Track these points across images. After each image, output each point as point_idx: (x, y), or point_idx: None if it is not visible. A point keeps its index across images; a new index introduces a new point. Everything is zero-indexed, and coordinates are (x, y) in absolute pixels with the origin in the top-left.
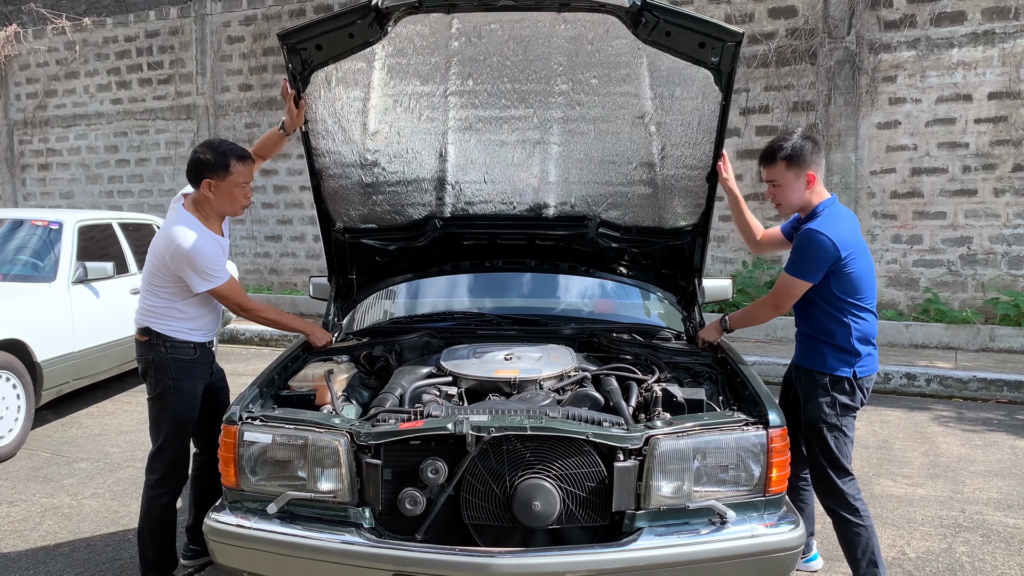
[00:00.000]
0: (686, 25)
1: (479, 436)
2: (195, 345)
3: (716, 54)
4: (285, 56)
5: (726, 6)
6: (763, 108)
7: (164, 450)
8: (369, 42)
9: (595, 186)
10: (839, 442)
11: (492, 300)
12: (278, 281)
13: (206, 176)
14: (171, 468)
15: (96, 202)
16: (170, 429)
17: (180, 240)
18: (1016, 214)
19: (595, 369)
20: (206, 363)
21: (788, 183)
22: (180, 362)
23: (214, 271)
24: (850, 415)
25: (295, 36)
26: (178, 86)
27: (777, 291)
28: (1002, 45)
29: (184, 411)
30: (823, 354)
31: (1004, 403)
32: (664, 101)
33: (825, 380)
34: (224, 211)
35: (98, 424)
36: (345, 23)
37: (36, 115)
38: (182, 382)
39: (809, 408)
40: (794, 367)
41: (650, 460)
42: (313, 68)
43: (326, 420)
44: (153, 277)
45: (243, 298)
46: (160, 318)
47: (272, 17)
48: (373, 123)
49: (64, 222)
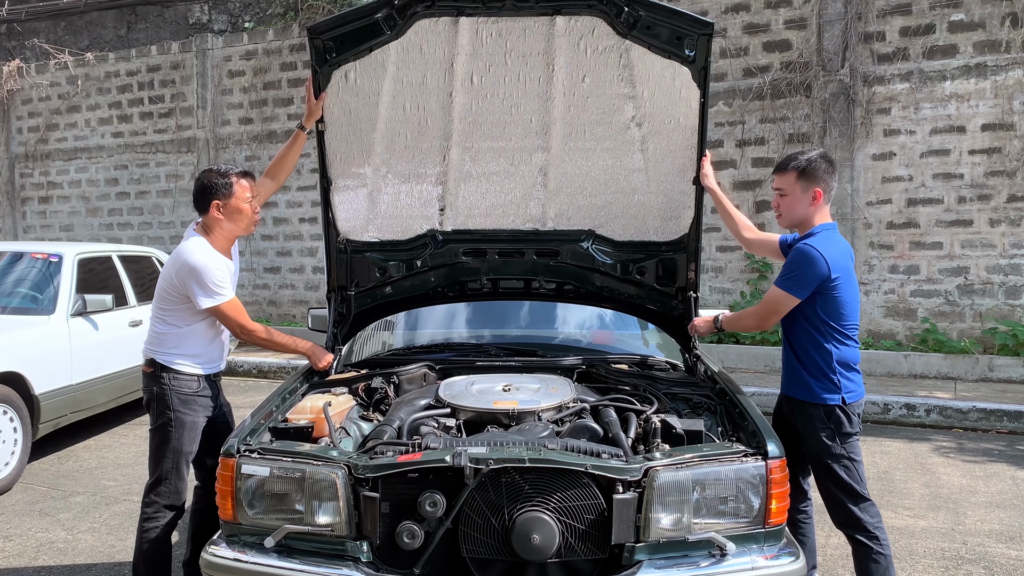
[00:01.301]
0: (664, 17)
1: (477, 468)
2: (198, 377)
3: (691, 47)
4: (310, 51)
5: (721, 40)
6: (759, 140)
7: (161, 482)
8: (385, 37)
9: (589, 196)
10: (849, 470)
11: (490, 330)
12: (277, 313)
13: (213, 198)
14: (167, 500)
15: (96, 235)
16: (169, 461)
17: (187, 255)
18: (1012, 244)
19: (594, 400)
20: (210, 396)
21: (795, 195)
22: (182, 395)
23: (218, 287)
24: (852, 440)
25: (321, 28)
26: (179, 119)
27: (765, 303)
28: (994, 78)
29: (184, 444)
30: (807, 383)
31: (1004, 433)
32: (649, 105)
33: (818, 411)
34: (235, 230)
35: (95, 457)
36: (366, 14)
37: (37, 148)
38: (183, 415)
39: (811, 443)
40: (784, 398)
41: (649, 492)
42: (334, 63)
43: (324, 453)
44: (160, 301)
45: (244, 318)
46: (164, 348)
47: (273, 52)
48: (383, 127)
49: (64, 254)
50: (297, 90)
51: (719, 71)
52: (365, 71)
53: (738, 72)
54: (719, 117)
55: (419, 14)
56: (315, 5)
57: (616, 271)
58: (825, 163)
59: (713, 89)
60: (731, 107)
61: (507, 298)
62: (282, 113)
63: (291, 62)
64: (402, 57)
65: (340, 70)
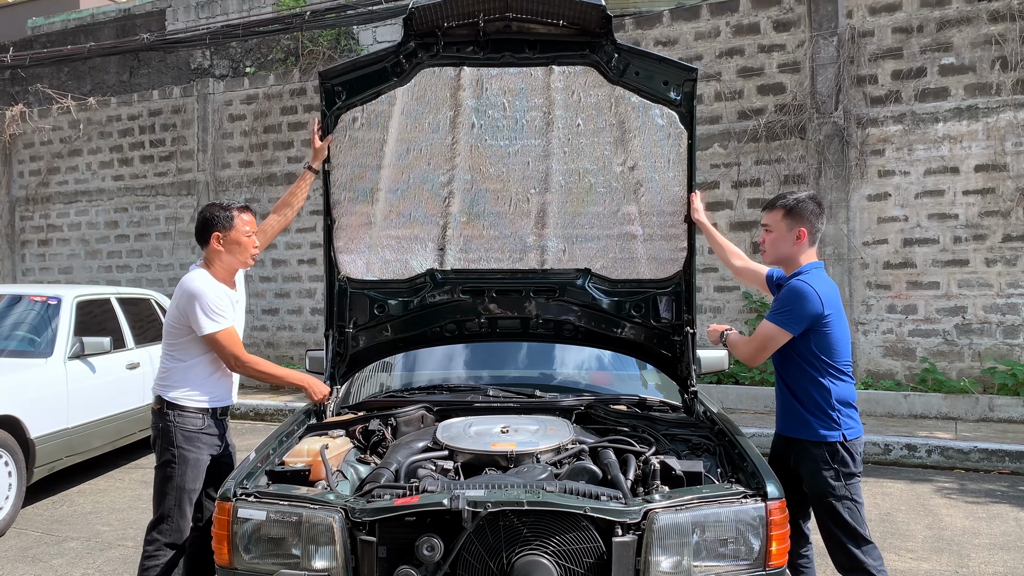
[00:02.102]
0: (651, 65)
1: (475, 512)
2: (203, 414)
3: (678, 91)
4: (321, 94)
5: (716, 83)
6: (755, 181)
7: (164, 520)
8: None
9: (586, 236)
10: (852, 511)
11: (488, 371)
12: (274, 355)
13: (214, 231)
14: (168, 539)
15: (95, 277)
16: (172, 499)
17: (188, 283)
18: (1008, 284)
19: (592, 441)
20: (215, 435)
21: (780, 232)
22: (186, 431)
23: (218, 312)
24: (855, 480)
25: (332, 73)
26: (179, 163)
27: (757, 338)
28: (986, 120)
29: (188, 481)
30: (807, 421)
31: (1006, 474)
32: (640, 147)
33: (821, 450)
34: (235, 262)
35: (90, 502)
36: (375, 62)
37: (38, 192)
38: (187, 451)
39: (814, 483)
40: (782, 439)
41: (649, 534)
42: (343, 107)
43: (321, 496)
44: (167, 336)
45: (239, 348)
46: (171, 384)
47: (273, 96)
48: (388, 169)
49: (62, 297)
50: (297, 134)
51: (714, 114)
52: (372, 115)
53: (733, 115)
54: (715, 159)
55: (424, 63)
56: (315, 51)
57: (613, 309)
58: (813, 204)
59: (709, 131)
60: (727, 149)
61: (505, 338)
62: (282, 156)
63: (291, 106)
64: (407, 102)
65: (348, 113)
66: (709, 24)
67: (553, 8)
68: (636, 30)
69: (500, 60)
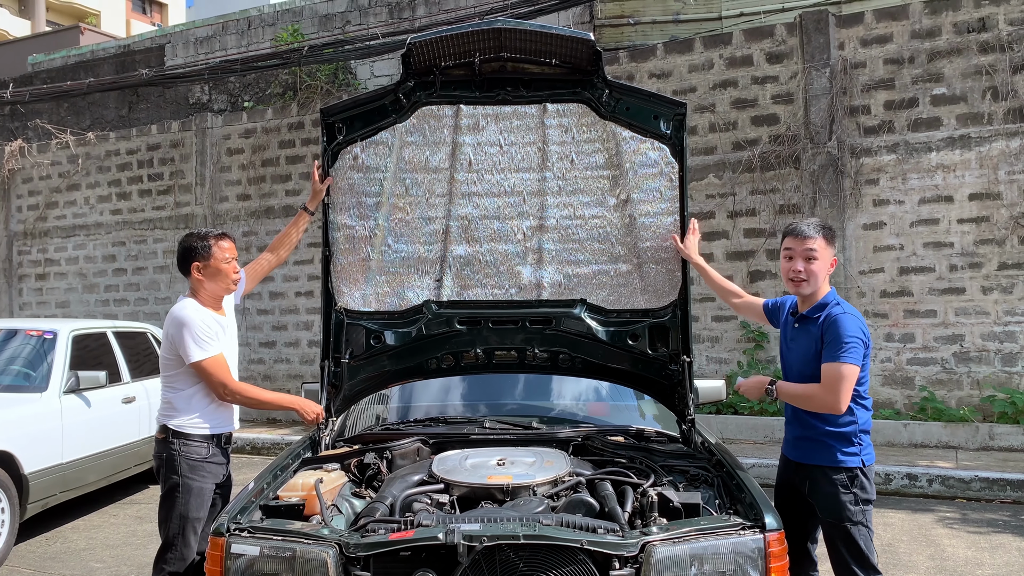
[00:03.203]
0: (641, 100)
1: (471, 546)
2: (207, 441)
3: (668, 125)
4: (322, 130)
5: (710, 114)
6: (750, 211)
7: (169, 548)
8: (391, 120)
9: (581, 267)
10: (865, 539)
11: (485, 403)
12: (271, 387)
13: (193, 260)
14: (172, 567)
15: (92, 311)
16: (175, 527)
17: (177, 312)
18: (1005, 311)
19: (589, 473)
20: (218, 463)
21: (823, 258)
22: (191, 460)
23: (206, 340)
24: (870, 508)
25: (334, 110)
26: (177, 196)
27: (833, 383)
28: (979, 149)
29: (191, 510)
30: (830, 448)
31: (1008, 503)
32: (632, 180)
33: (841, 476)
34: (217, 290)
35: (84, 538)
36: (375, 99)
37: (36, 226)
38: (191, 480)
39: (831, 508)
40: (793, 466)
41: (646, 568)
42: (344, 142)
43: (315, 531)
44: (164, 368)
45: (226, 375)
46: (173, 413)
47: (271, 130)
48: (386, 202)
49: (58, 331)
50: (295, 167)
51: (709, 144)
52: (371, 150)
53: (728, 145)
54: (710, 189)
55: (422, 101)
56: (313, 85)
57: (609, 339)
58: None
59: (703, 162)
60: (722, 179)
61: (501, 370)
62: (280, 189)
63: (289, 140)
64: (406, 138)
65: (348, 148)
66: (703, 56)
67: (545, 47)
68: (631, 63)
69: (496, 99)
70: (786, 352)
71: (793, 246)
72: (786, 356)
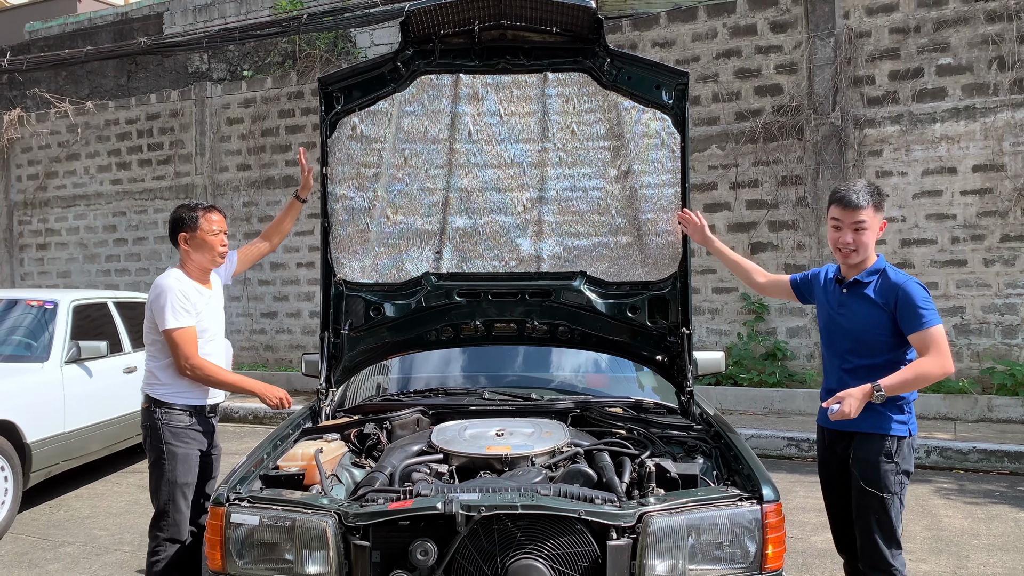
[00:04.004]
0: (643, 69)
1: (469, 516)
2: (191, 410)
3: (670, 95)
4: (320, 100)
5: (714, 84)
6: (752, 183)
7: (162, 516)
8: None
9: (581, 239)
10: (897, 512)
11: (484, 374)
12: (273, 358)
13: (180, 231)
14: (167, 534)
15: (93, 281)
16: (165, 494)
17: (159, 280)
18: (1007, 284)
19: (588, 444)
20: (203, 431)
21: (873, 227)
22: (173, 428)
23: (183, 309)
24: (908, 481)
25: (332, 79)
26: (177, 166)
27: (939, 348)
28: (983, 120)
29: (179, 476)
30: (882, 415)
31: (1005, 474)
32: (634, 151)
33: (889, 444)
34: (203, 261)
35: (87, 506)
36: (373, 68)
37: (36, 196)
38: (175, 447)
39: (872, 476)
40: (836, 437)
41: (643, 538)
42: (342, 112)
43: (314, 501)
44: (148, 337)
45: (192, 350)
46: (156, 382)
47: (271, 99)
48: (385, 173)
49: (59, 302)
50: (295, 137)
51: (712, 115)
52: (370, 120)
53: (731, 116)
54: (712, 160)
55: (421, 70)
56: (313, 54)
57: (609, 311)
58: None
59: (706, 133)
60: (724, 150)
61: (501, 342)
62: (280, 159)
63: (289, 109)
64: (405, 108)
65: (347, 118)
66: (706, 25)
67: (546, 14)
68: (633, 32)
69: (496, 67)
70: (835, 319)
71: (841, 217)
72: (836, 323)
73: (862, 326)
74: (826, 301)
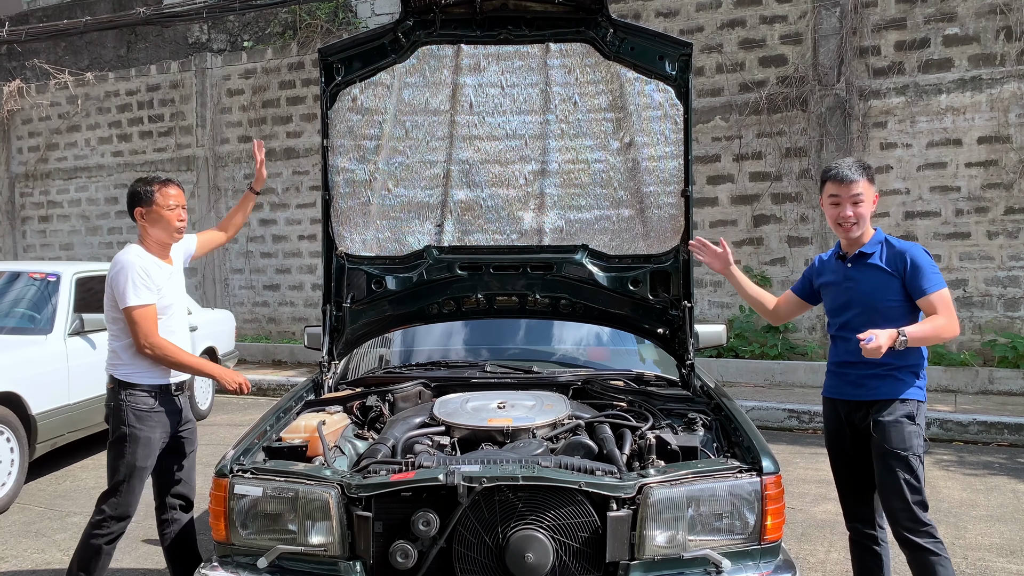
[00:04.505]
0: (645, 40)
1: (471, 487)
2: (155, 391)
3: (673, 66)
4: (320, 71)
5: (717, 55)
6: (756, 154)
7: (113, 494)
8: (390, 60)
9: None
10: (922, 472)
11: (486, 347)
12: (276, 330)
13: (136, 206)
14: (115, 511)
15: (95, 253)
16: (122, 474)
17: (119, 256)
18: (1010, 256)
19: (589, 417)
20: (169, 412)
21: (868, 199)
22: (138, 411)
23: (144, 286)
24: (926, 445)
25: (332, 50)
26: (178, 138)
27: (948, 308)
28: (989, 91)
29: (138, 459)
30: (901, 380)
31: (1005, 446)
32: (636, 122)
33: (910, 407)
34: (161, 236)
35: (92, 477)
36: (374, 38)
37: (38, 168)
38: (138, 430)
39: (899, 438)
40: (851, 407)
41: (643, 509)
42: (342, 83)
43: (317, 472)
44: (107, 315)
45: (152, 328)
46: (118, 361)
47: (271, 70)
48: (386, 145)
49: (61, 274)
50: (296, 108)
51: (716, 86)
52: (370, 91)
53: (735, 87)
54: (716, 132)
55: (422, 40)
56: (313, 24)
57: (610, 284)
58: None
59: (710, 104)
60: (728, 122)
61: (502, 315)
62: (281, 131)
63: (290, 80)
64: (406, 79)
65: (347, 90)
66: None
67: None
68: (637, 1)
69: (497, 38)
70: (846, 293)
71: (839, 192)
72: (847, 296)
73: (874, 294)
74: (833, 278)
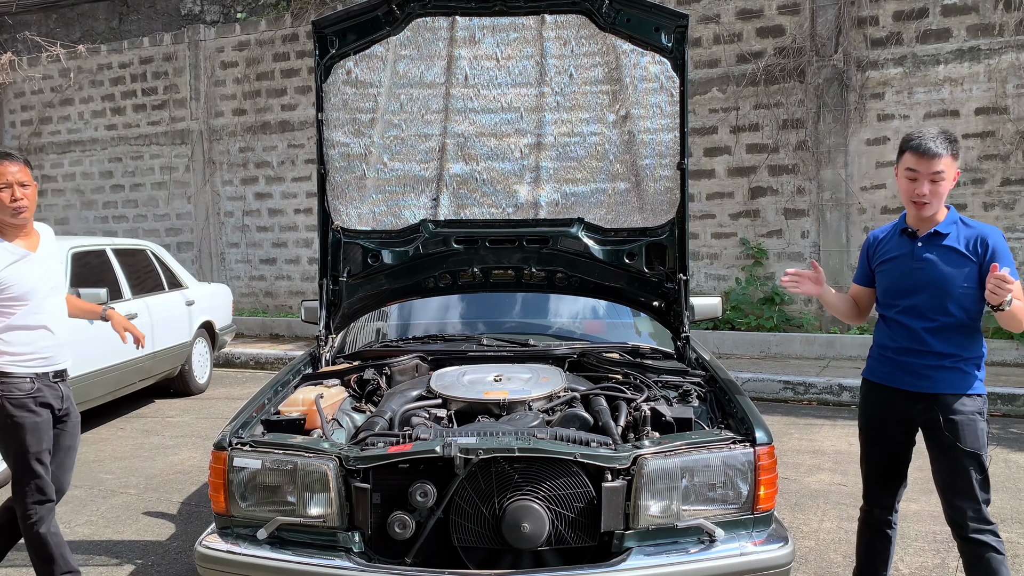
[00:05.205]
0: (642, 11)
1: (467, 458)
2: (32, 377)
3: (669, 38)
4: (314, 44)
5: (715, 26)
6: (753, 126)
7: (23, 482)
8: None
9: (579, 185)
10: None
11: (482, 321)
12: (273, 304)
13: None
14: (34, 498)
15: (91, 228)
16: (22, 462)
17: None
18: (1006, 228)
19: (584, 389)
20: (48, 397)
21: (950, 177)
22: (14, 399)
23: None
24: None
25: (325, 23)
26: (172, 111)
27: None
28: (987, 61)
29: (31, 445)
30: (969, 375)
31: (998, 416)
32: (632, 95)
33: (979, 403)
34: (3, 218)
35: (92, 451)
36: (367, 11)
37: (31, 142)
38: (21, 418)
39: (972, 437)
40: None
41: (638, 480)
42: (336, 56)
43: (315, 445)
44: None
45: None
46: None
47: (265, 42)
48: (381, 119)
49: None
50: (290, 81)
51: (713, 57)
52: (365, 64)
53: (732, 58)
54: (713, 103)
55: (416, 12)
56: None
57: (606, 257)
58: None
59: (706, 75)
60: (725, 93)
61: (498, 289)
62: (275, 104)
63: (284, 52)
64: (400, 52)
65: (341, 63)
66: None
67: None
68: None
69: (492, 9)
70: (913, 274)
71: (918, 168)
72: (915, 278)
73: (950, 278)
74: (900, 257)
